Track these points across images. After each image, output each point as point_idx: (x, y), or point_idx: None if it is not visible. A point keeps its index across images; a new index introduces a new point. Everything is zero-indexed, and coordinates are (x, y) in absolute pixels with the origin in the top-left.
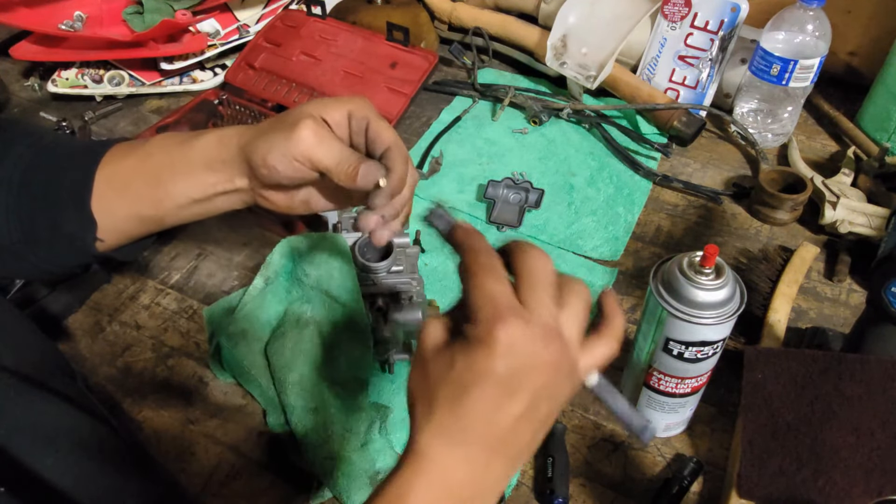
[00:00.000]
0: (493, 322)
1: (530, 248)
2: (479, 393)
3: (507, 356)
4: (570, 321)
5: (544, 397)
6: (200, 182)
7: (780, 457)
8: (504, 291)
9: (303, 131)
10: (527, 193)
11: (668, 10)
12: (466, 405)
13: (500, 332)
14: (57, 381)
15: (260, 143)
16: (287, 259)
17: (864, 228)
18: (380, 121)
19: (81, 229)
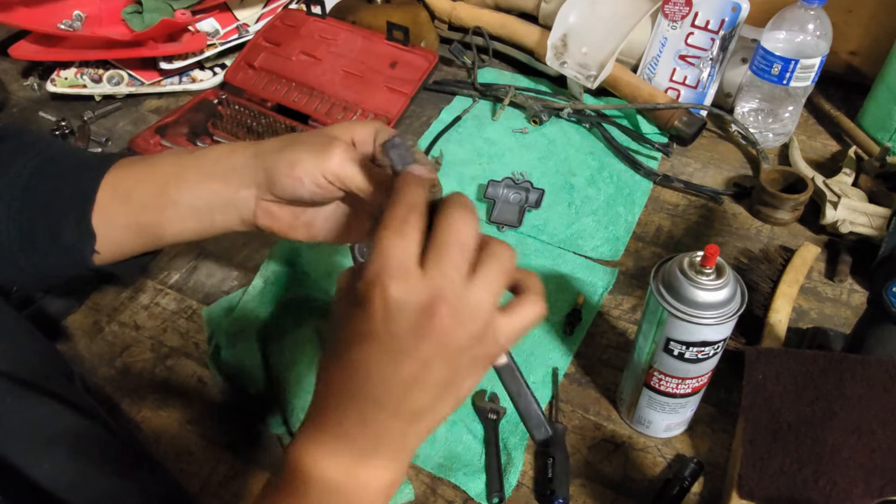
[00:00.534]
0: (374, 282)
1: (455, 205)
2: (360, 352)
3: (385, 319)
4: (480, 286)
5: (438, 363)
6: (205, 189)
7: (781, 457)
8: (400, 251)
9: (336, 150)
10: (527, 193)
11: (668, 10)
12: (350, 364)
13: (376, 293)
14: (54, 383)
15: (286, 155)
16: (287, 259)
17: (866, 228)
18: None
19: (79, 241)
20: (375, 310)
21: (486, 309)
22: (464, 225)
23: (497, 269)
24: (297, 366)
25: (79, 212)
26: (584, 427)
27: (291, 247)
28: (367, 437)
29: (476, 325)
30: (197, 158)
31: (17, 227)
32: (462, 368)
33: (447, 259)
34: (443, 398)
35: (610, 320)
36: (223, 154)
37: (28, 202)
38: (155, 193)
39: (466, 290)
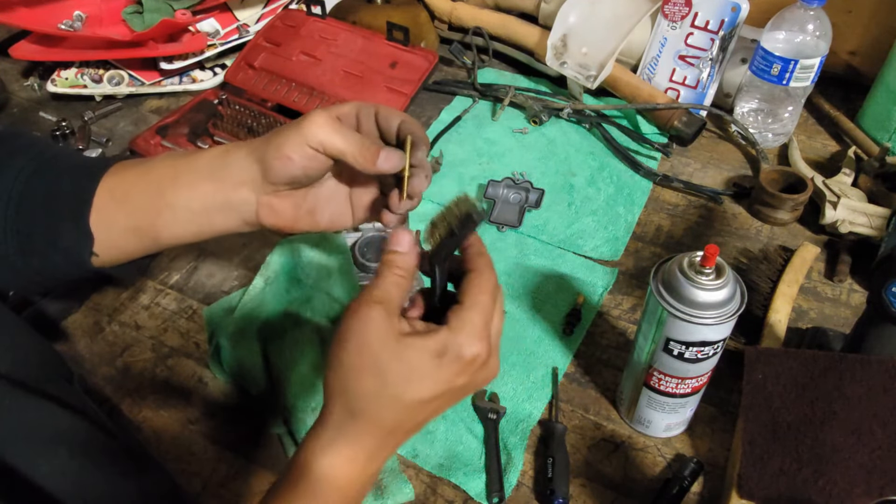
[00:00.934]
0: (476, 341)
1: (488, 279)
2: (438, 399)
3: (469, 373)
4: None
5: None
6: (201, 191)
7: (781, 457)
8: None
9: (316, 118)
10: (527, 193)
11: (668, 10)
12: (420, 409)
13: (480, 347)
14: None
15: (272, 139)
16: (287, 259)
17: (865, 228)
18: (387, 108)
19: (78, 243)
20: (471, 366)
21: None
22: (494, 294)
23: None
24: (298, 366)
25: (76, 215)
26: (584, 427)
27: (292, 247)
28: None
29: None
30: (191, 161)
31: (14, 232)
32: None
33: (483, 322)
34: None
35: (610, 320)
36: (217, 154)
37: (25, 206)
38: (151, 196)
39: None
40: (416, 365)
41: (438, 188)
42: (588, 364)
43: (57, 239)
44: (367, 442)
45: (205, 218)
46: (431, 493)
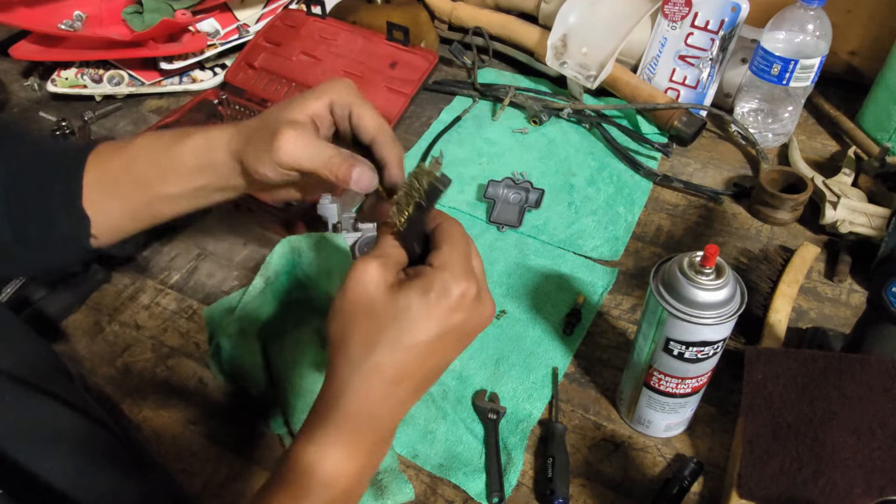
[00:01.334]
0: (460, 275)
1: (452, 226)
2: (441, 342)
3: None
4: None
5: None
6: (191, 185)
7: (781, 457)
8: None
9: (281, 140)
10: (527, 193)
11: (668, 10)
12: (421, 352)
13: (464, 284)
14: (54, 383)
15: (249, 153)
16: (287, 259)
17: (865, 228)
18: (363, 105)
19: (75, 229)
20: (463, 303)
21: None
22: (464, 239)
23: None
24: (298, 366)
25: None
26: (584, 427)
27: (292, 246)
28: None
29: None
30: (172, 157)
31: (10, 224)
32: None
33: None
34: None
35: (610, 320)
36: (199, 151)
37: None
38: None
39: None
40: (407, 306)
41: None
42: (588, 364)
43: (53, 227)
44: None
45: (201, 198)
46: (431, 493)
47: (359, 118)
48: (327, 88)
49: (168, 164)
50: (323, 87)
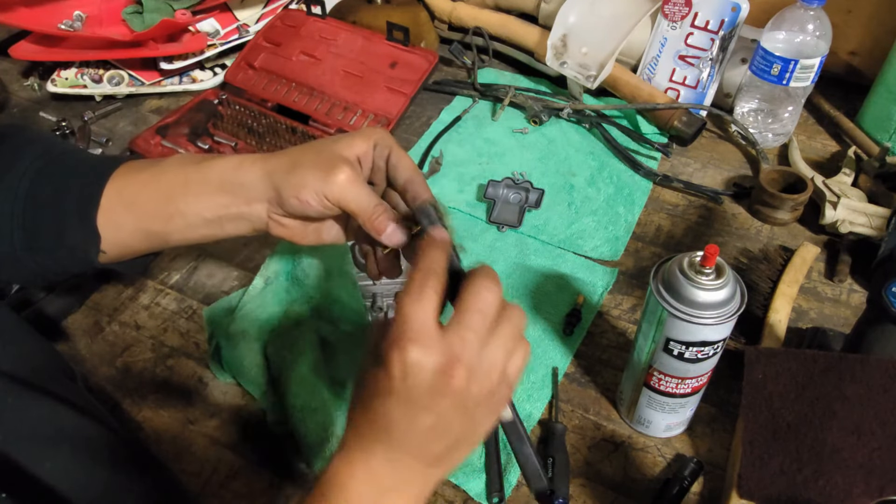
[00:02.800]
0: (393, 344)
1: (481, 275)
2: (382, 405)
3: (403, 379)
4: (496, 346)
5: (455, 416)
6: (213, 202)
7: (781, 457)
8: (418, 314)
9: (340, 176)
10: (527, 193)
11: (668, 10)
12: (374, 413)
13: (395, 356)
14: (56, 383)
15: (293, 178)
16: (287, 259)
17: (865, 228)
18: (400, 150)
19: (85, 242)
20: (395, 370)
21: (499, 367)
22: (488, 293)
23: (511, 329)
24: (298, 366)
25: (83, 214)
26: (584, 427)
27: (292, 247)
28: (391, 475)
29: (490, 381)
30: (201, 171)
31: (21, 228)
32: (478, 417)
33: (467, 324)
34: (461, 444)
35: (610, 320)
36: (228, 168)
37: (32, 203)
38: (161, 202)
39: (483, 351)
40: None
41: (439, 188)
42: (588, 364)
43: (63, 237)
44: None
45: (216, 225)
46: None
47: (398, 159)
48: (370, 132)
49: (195, 175)
50: (367, 131)
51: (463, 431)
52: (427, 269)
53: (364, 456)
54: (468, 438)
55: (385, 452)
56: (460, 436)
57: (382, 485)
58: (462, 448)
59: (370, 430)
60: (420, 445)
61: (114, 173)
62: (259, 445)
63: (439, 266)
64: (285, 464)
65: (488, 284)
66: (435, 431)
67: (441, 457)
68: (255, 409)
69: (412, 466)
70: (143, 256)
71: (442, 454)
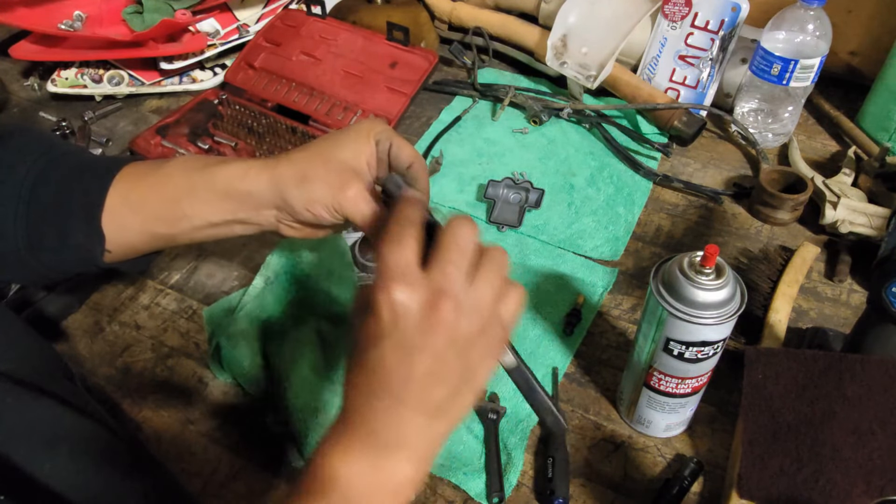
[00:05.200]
0: (379, 287)
1: (456, 220)
2: (376, 354)
3: (393, 321)
4: (481, 281)
5: (450, 355)
6: (221, 208)
7: (781, 457)
8: (398, 257)
9: (350, 192)
10: (527, 193)
11: (668, 10)
12: (369, 366)
13: (382, 299)
14: (55, 383)
15: (304, 192)
16: (287, 259)
17: (865, 228)
18: (399, 139)
19: (89, 242)
20: (384, 313)
21: (487, 301)
22: (463, 231)
23: (494, 267)
24: (298, 366)
25: (88, 215)
26: (584, 427)
27: (292, 247)
28: (392, 431)
29: (480, 316)
30: (207, 177)
31: (25, 227)
32: (474, 358)
33: (447, 259)
34: (461, 390)
35: (610, 320)
36: (234, 176)
37: (35, 203)
38: (168, 207)
39: (468, 286)
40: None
41: (439, 188)
42: (588, 364)
43: (68, 237)
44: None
45: (224, 227)
46: (431, 493)
47: (398, 149)
48: (369, 128)
49: (202, 182)
50: (366, 127)
51: (461, 375)
52: (403, 219)
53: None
54: (468, 383)
55: (384, 408)
56: (459, 381)
57: (383, 444)
58: (463, 396)
59: (367, 385)
60: (419, 393)
61: (118, 174)
62: (259, 445)
63: (415, 217)
64: (285, 464)
65: (463, 224)
66: (433, 374)
67: (442, 406)
68: (255, 409)
69: (414, 420)
70: (147, 255)
71: (443, 403)
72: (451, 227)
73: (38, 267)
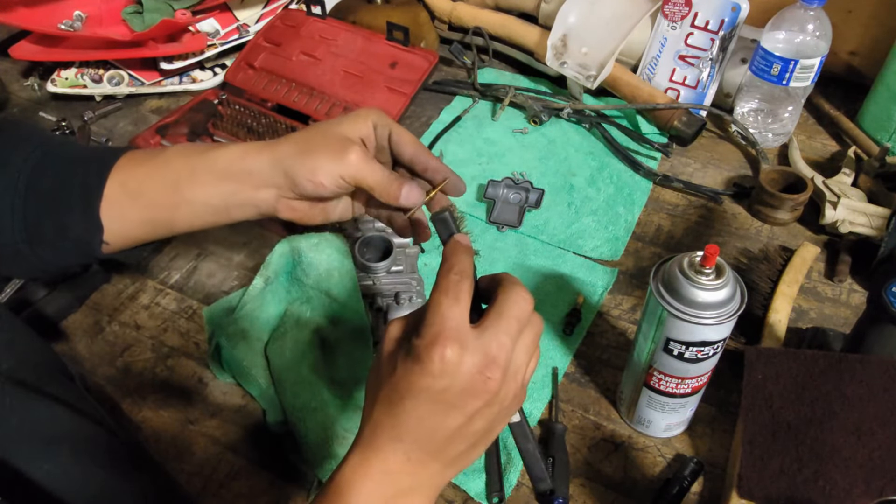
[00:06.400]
0: (433, 341)
1: (515, 286)
2: (412, 403)
3: (440, 377)
4: (521, 350)
5: (482, 417)
6: (220, 190)
7: (781, 457)
8: (456, 314)
9: (351, 155)
10: (527, 193)
11: (668, 10)
12: (401, 411)
13: (435, 353)
14: (55, 384)
15: (307, 162)
16: (287, 259)
17: (865, 228)
18: (399, 127)
19: (88, 233)
20: (434, 368)
21: (523, 369)
22: (524, 303)
23: (534, 336)
24: (298, 366)
25: (86, 206)
26: (584, 427)
27: (292, 247)
28: (409, 477)
29: (517, 384)
30: (207, 160)
31: (22, 221)
32: (499, 420)
33: (505, 329)
34: (478, 445)
35: (610, 320)
36: (235, 156)
37: (32, 196)
38: (167, 192)
39: (513, 353)
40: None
41: None
42: (588, 364)
43: (66, 229)
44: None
45: (223, 212)
46: None
47: (399, 136)
48: (366, 114)
49: (200, 163)
50: (363, 113)
51: (484, 431)
52: (461, 271)
53: (382, 455)
54: (484, 439)
55: (406, 452)
56: (479, 437)
57: (398, 486)
58: (476, 450)
59: (393, 427)
60: (443, 446)
61: (116, 164)
62: (259, 445)
63: (469, 269)
64: (285, 464)
65: (525, 295)
66: (460, 432)
67: (458, 458)
68: (255, 409)
69: (430, 467)
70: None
71: (460, 454)
72: (513, 295)
73: (36, 260)
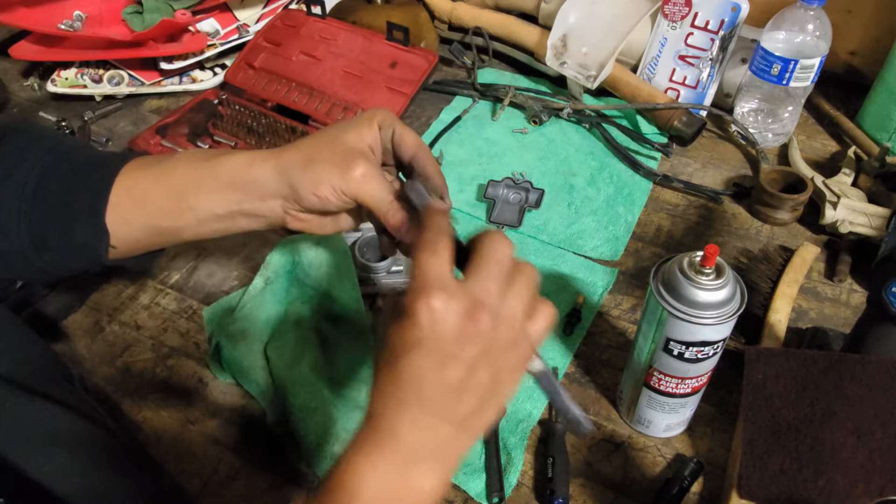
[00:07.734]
0: (418, 294)
1: (490, 232)
2: (407, 361)
3: (430, 327)
4: (514, 296)
5: (483, 366)
6: (226, 199)
7: (781, 457)
8: (436, 266)
9: (356, 171)
10: (527, 193)
11: (668, 10)
12: (399, 372)
13: (421, 305)
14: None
15: (309, 174)
16: (287, 259)
17: (865, 228)
18: (403, 126)
19: (94, 239)
20: (422, 319)
21: (519, 316)
22: (500, 245)
23: (526, 282)
24: (298, 366)
25: (92, 211)
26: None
27: (292, 246)
28: (419, 441)
29: (512, 330)
30: (212, 168)
31: (28, 226)
32: (503, 372)
33: (486, 272)
34: (488, 403)
35: (610, 320)
36: (241, 165)
37: (39, 202)
38: (172, 200)
39: (503, 299)
40: None
41: None
42: (588, 364)
43: (72, 235)
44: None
45: (229, 220)
46: None
47: (401, 136)
48: (372, 114)
49: (207, 172)
50: (369, 114)
51: (490, 385)
52: (437, 228)
53: (388, 423)
54: (494, 396)
55: (412, 417)
56: (487, 393)
57: (409, 454)
58: (488, 409)
59: (395, 392)
60: (450, 403)
61: (122, 170)
62: (259, 445)
63: (445, 226)
64: (285, 464)
65: (501, 239)
66: (464, 385)
67: (469, 418)
68: (255, 409)
69: (440, 430)
70: (151, 252)
71: (470, 415)
72: (489, 240)
73: (42, 266)
